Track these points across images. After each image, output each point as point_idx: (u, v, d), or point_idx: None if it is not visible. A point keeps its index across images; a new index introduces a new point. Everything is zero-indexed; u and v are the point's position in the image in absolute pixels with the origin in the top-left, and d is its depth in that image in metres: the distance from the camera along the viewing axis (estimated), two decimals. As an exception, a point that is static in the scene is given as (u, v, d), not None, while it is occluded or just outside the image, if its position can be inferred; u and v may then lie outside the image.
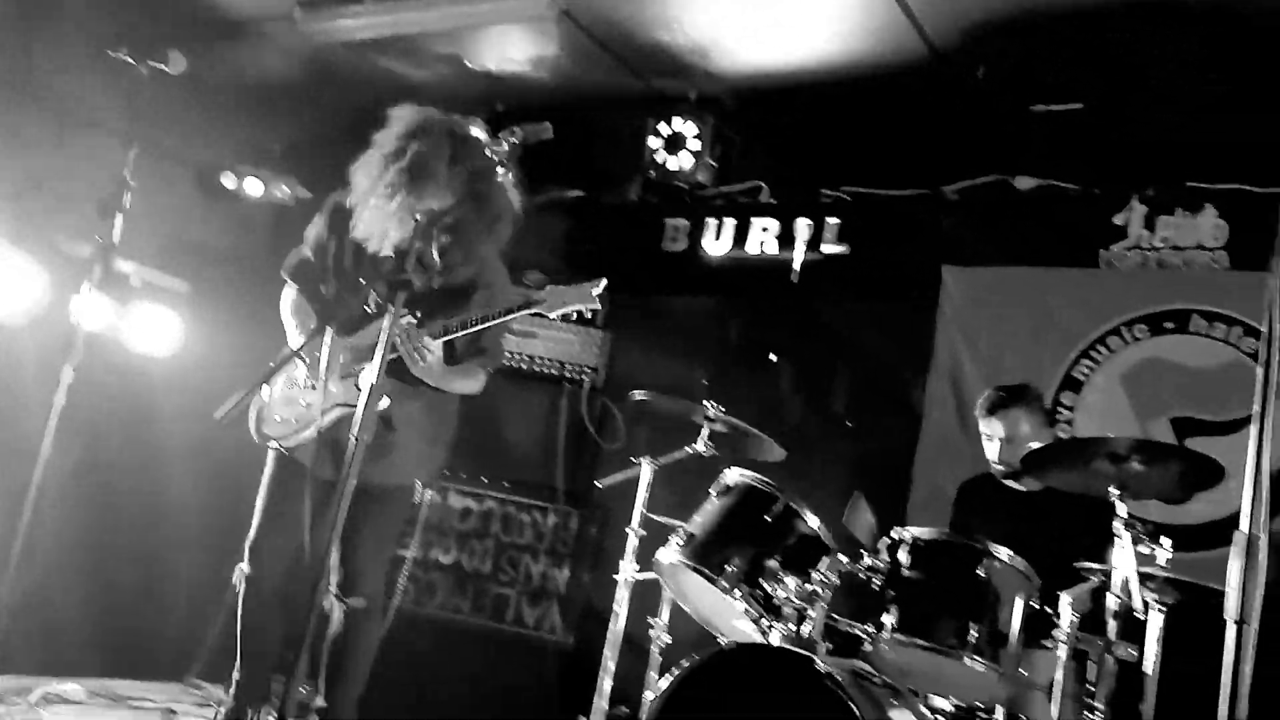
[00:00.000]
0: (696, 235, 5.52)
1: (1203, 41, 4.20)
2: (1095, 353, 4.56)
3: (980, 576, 2.96)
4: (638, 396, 3.87)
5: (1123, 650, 2.84)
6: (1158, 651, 2.86)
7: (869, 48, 4.65)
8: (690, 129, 5.35)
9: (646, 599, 3.88)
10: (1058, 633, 2.90)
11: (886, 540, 3.14)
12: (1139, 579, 2.84)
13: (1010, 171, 4.88)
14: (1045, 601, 3.01)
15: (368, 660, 3.46)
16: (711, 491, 3.48)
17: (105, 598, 4.69)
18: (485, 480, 5.09)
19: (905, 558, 3.05)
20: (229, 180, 5.71)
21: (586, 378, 5.18)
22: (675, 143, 5.37)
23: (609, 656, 3.81)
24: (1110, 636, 2.85)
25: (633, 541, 3.87)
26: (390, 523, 3.51)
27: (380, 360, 2.55)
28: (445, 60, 5.19)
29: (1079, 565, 3.02)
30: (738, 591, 3.16)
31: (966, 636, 2.89)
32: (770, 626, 3.12)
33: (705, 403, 3.74)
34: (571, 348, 5.18)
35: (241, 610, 3.45)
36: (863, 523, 3.43)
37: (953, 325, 4.85)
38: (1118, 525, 2.90)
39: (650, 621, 3.82)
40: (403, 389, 3.23)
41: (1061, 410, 4.56)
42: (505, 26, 4.89)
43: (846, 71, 4.86)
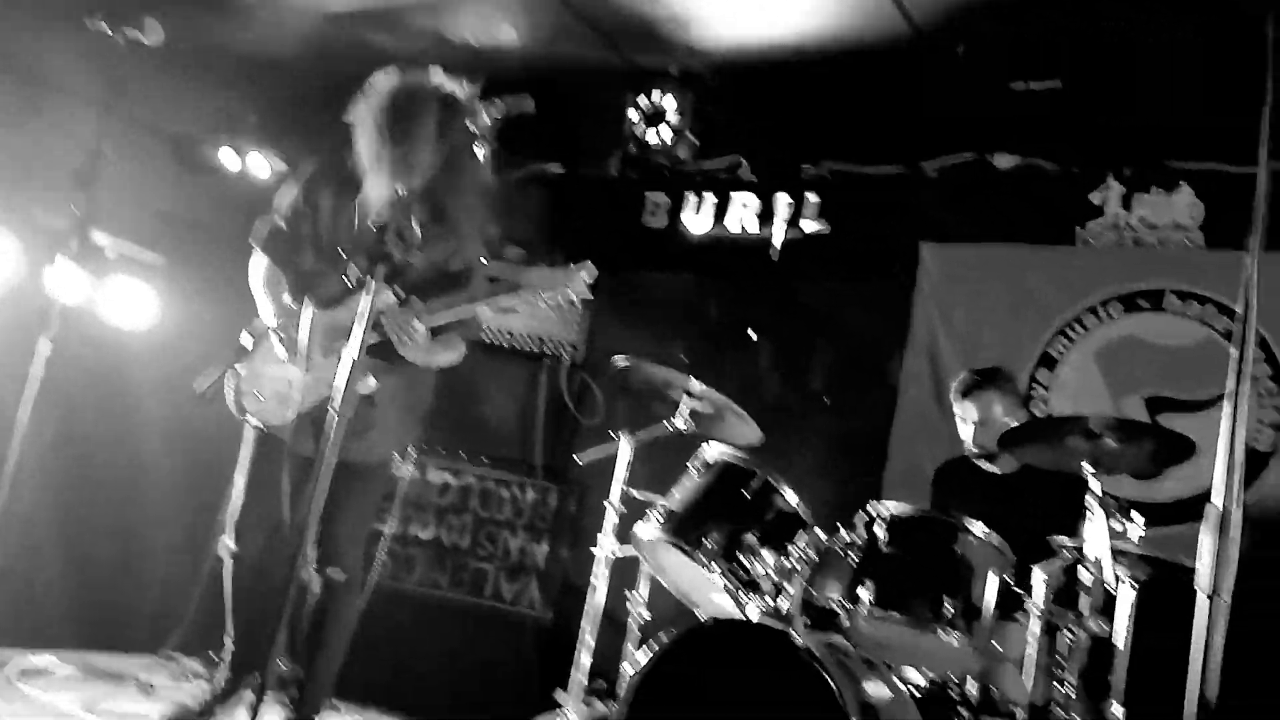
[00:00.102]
0: (676, 211, 5.52)
1: (1181, 20, 4.22)
2: (1071, 330, 4.59)
3: (955, 552, 2.99)
4: (621, 363, 3.86)
5: (1094, 624, 2.88)
6: (1129, 625, 2.90)
7: (850, 24, 4.65)
8: (670, 104, 5.33)
9: (625, 574, 3.90)
10: (1030, 607, 2.95)
11: (864, 516, 3.16)
12: (1111, 554, 2.88)
13: (989, 149, 4.90)
14: (1019, 577, 3.05)
15: (346, 633, 3.46)
16: (690, 467, 3.49)
17: (82, 570, 4.68)
18: (464, 455, 5.08)
19: (882, 533, 3.08)
20: (206, 152, 5.65)
21: (566, 353, 5.18)
22: (655, 117, 5.35)
23: (587, 631, 3.83)
24: (1082, 610, 2.89)
25: (612, 517, 3.88)
26: (369, 498, 3.50)
27: (361, 337, 2.53)
28: (425, 33, 5.14)
29: (1052, 540, 3.07)
30: (716, 567, 3.19)
31: (941, 611, 2.92)
32: (748, 601, 3.14)
33: (686, 377, 3.74)
34: (551, 324, 5.18)
35: (231, 586, 3.46)
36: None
37: (930, 302, 4.88)
38: (1091, 501, 2.94)
39: (629, 596, 3.84)
40: (384, 366, 3.22)
41: (1037, 388, 4.60)
42: (485, -1, 4.86)
43: (827, 47, 4.86)
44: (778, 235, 5.22)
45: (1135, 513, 3.00)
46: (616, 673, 3.76)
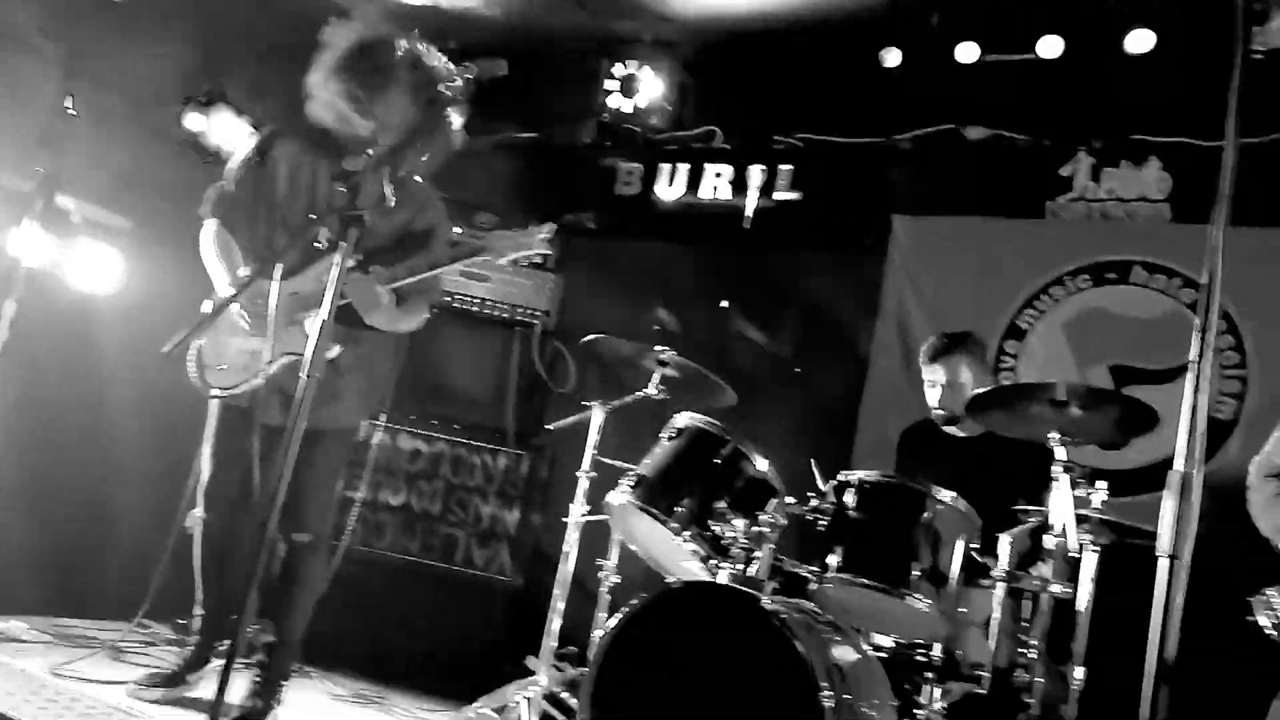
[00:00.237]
0: (650, 179, 5.51)
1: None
2: (1039, 302, 4.64)
3: (923, 518, 3.03)
4: (590, 339, 3.87)
5: (1058, 588, 2.93)
6: (1091, 589, 2.95)
7: (825, -7, 4.65)
8: (645, 72, 5.31)
9: (596, 541, 3.92)
10: (996, 572, 2.99)
11: (833, 482, 3.19)
12: (1075, 520, 2.93)
13: (962, 121, 4.92)
14: (984, 542, 3.10)
15: (312, 595, 3.47)
16: (662, 435, 3.51)
17: (50, 536, 4.63)
18: (435, 422, 5.07)
19: (851, 499, 3.11)
20: (172, 114, 5.56)
21: (538, 321, 5.17)
22: (630, 85, 5.33)
23: (558, 597, 3.86)
24: (1046, 575, 2.94)
25: (583, 484, 3.89)
26: (333, 462, 3.49)
27: (331, 300, 2.51)
28: (396, -6, 5.09)
29: (1018, 509, 3.11)
30: (687, 533, 3.21)
31: (908, 576, 2.96)
32: (718, 567, 3.17)
33: (658, 346, 3.75)
34: (523, 291, 5.16)
35: (201, 555, 3.48)
36: None
37: (901, 273, 4.91)
38: (1056, 469, 2.98)
39: (599, 563, 3.86)
40: (349, 332, 3.20)
41: (1005, 358, 4.65)
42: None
43: (802, 17, 4.85)
44: (750, 204, 5.22)
45: (1100, 481, 3.05)
46: (587, 638, 3.79)
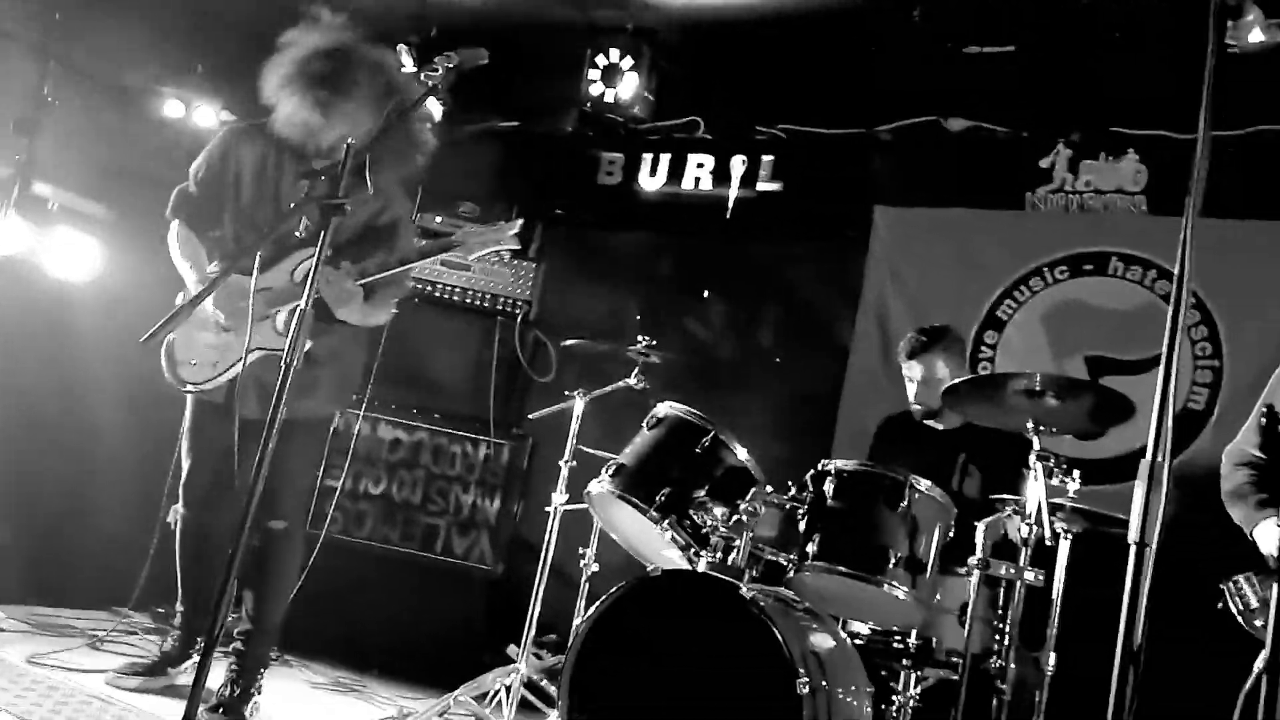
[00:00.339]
0: (632, 169, 5.51)
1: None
2: (1018, 293, 4.67)
3: (900, 506, 3.05)
4: (569, 342, 3.91)
5: (1032, 576, 2.96)
6: (1064, 577, 2.99)
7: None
8: (627, 61, 5.30)
9: (576, 530, 3.93)
10: (971, 560, 3.02)
11: (811, 470, 3.21)
12: (1049, 509, 2.96)
13: (942, 113, 4.94)
14: (960, 531, 3.13)
15: (288, 582, 3.49)
16: (643, 424, 3.52)
17: (31, 524, 4.61)
18: (416, 411, 5.08)
19: (829, 488, 3.13)
20: (151, 102, 5.53)
21: (519, 310, 5.17)
22: (612, 75, 5.32)
23: (538, 586, 3.87)
24: (1020, 563, 2.97)
25: (564, 473, 3.91)
26: (307, 453, 3.53)
27: (309, 290, 2.50)
28: (377, -17, 5.06)
29: (995, 497, 3.14)
30: (667, 522, 3.22)
31: (886, 564, 2.99)
32: (698, 556, 3.19)
33: (636, 342, 3.77)
34: (504, 280, 5.16)
35: (180, 550, 3.50)
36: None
37: (882, 264, 4.93)
38: (1032, 458, 3.00)
39: (580, 552, 3.87)
40: (320, 325, 3.22)
41: (984, 349, 4.68)
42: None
43: (785, 7, 4.85)
44: (732, 194, 5.23)
45: (1075, 470, 3.08)
46: (567, 627, 3.81)
